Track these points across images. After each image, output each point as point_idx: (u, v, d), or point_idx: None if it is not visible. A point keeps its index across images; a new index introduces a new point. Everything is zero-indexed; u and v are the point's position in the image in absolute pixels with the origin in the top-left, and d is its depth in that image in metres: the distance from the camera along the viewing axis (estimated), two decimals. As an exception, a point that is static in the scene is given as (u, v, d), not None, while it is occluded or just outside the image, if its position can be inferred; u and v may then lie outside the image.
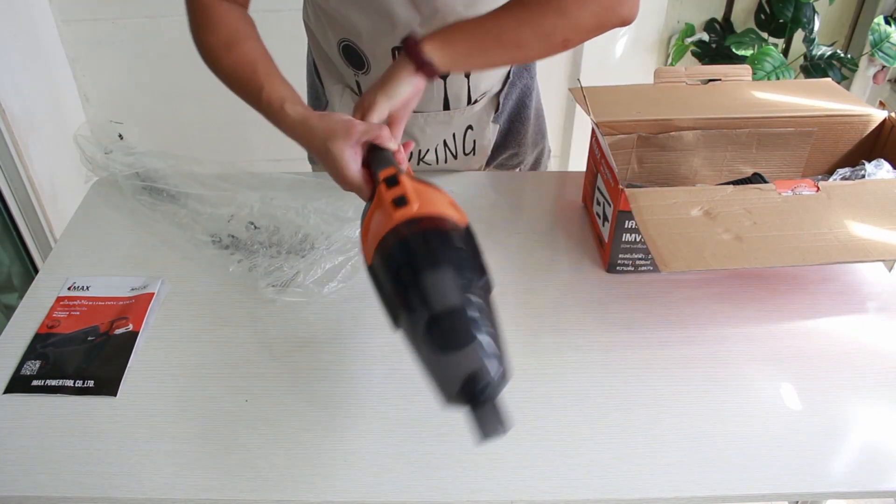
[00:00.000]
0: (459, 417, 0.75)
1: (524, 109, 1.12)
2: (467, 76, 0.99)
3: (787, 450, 0.72)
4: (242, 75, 0.81)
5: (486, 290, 0.63)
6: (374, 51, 0.95)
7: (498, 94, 1.06)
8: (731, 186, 0.85)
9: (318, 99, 1.09)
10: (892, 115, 0.98)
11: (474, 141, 1.10)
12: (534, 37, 0.77)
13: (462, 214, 0.68)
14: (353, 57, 0.98)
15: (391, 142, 0.74)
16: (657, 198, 0.83)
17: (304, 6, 1.01)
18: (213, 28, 0.83)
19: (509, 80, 1.06)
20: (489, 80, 1.03)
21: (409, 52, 0.75)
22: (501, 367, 0.57)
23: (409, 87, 0.76)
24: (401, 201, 0.65)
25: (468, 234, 0.66)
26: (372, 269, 0.66)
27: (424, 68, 0.75)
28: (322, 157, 0.75)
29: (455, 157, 1.11)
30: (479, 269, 0.63)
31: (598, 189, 0.96)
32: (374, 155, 0.73)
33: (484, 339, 0.57)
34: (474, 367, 0.56)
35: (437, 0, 0.88)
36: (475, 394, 0.56)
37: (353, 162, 0.73)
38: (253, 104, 0.81)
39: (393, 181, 0.67)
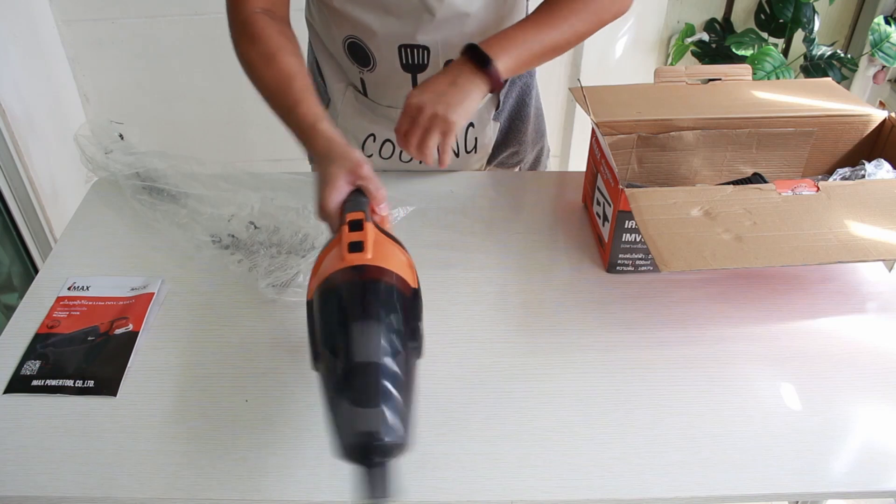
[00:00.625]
0: (459, 417, 0.75)
1: (524, 107, 1.12)
2: None
3: (787, 450, 0.72)
4: (279, 88, 0.81)
5: (415, 355, 0.63)
6: (380, 48, 0.95)
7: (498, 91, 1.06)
8: (731, 186, 0.85)
9: (320, 97, 1.09)
10: (892, 115, 0.98)
11: (476, 139, 1.10)
12: (576, 40, 0.86)
13: (414, 277, 0.68)
14: (359, 54, 0.98)
15: (379, 196, 0.74)
16: (657, 198, 0.83)
17: (308, 4, 1.01)
18: (254, 40, 0.84)
19: (509, 78, 1.06)
20: None
21: (490, 75, 0.78)
22: (401, 437, 0.56)
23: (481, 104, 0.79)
24: (356, 246, 0.65)
25: (413, 297, 0.66)
26: (309, 304, 0.66)
27: (497, 87, 0.79)
28: (321, 175, 0.75)
29: (457, 154, 1.11)
30: (412, 334, 0.63)
31: (598, 189, 0.96)
32: (353, 198, 0.73)
33: (391, 405, 0.56)
34: (373, 429, 0.54)
35: None
36: (366, 455, 0.55)
37: (336, 192, 0.72)
38: (284, 116, 0.81)
39: (357, 226, 0.67)
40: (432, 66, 0.97)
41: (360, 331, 0.59)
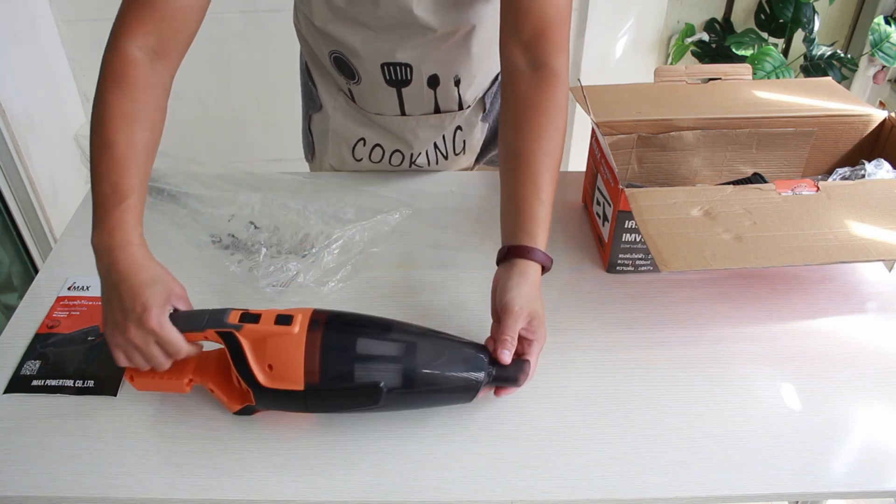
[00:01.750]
0: (459, 417, 0.75)
1: None
2: (457, 84, 0.99)
3: (787, 450, 0.72)
4: (120, 158, 0.72)
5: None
6: (364, 65, 0.95)
7: (483, 96, 1.06)
8: (731, 186, 0.85)
9: (313, 100, 1.09)
10: (892, 115, 0.98)
11: (464, 141, 1.10)
12: (559, 160, 0.81)
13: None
14: (344, 68, 0.98)
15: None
16: (657, 198, 0.83)
17: (295, 13, 1.00)
18: (123, 89, 0.75)
19: (497, 82, 1.06)
20: (478, 87, 1.03)
21: (542, 265, 0.76)
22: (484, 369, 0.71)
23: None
24: (284, 319, 0.68)
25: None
26: (330, 378, 0.67)
27: (546, 268, 0.77)
28: (140, 290, 0.68)
29: (446, 157, 1.11)
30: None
31: (598, 189, 0.96)
32: (206, 315, 0.70)
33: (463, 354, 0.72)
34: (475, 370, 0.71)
35: (436, 19, 0.88)
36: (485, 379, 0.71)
37: (168, 311, 0.69)
38: (103, 188, 0.71)
39: (251, 317, 0.68)
40: (416, 81, 0.97)
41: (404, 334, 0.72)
